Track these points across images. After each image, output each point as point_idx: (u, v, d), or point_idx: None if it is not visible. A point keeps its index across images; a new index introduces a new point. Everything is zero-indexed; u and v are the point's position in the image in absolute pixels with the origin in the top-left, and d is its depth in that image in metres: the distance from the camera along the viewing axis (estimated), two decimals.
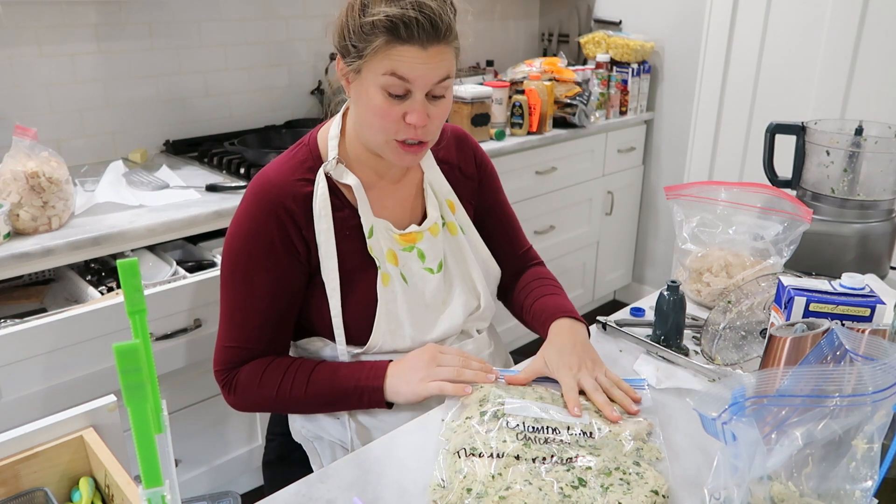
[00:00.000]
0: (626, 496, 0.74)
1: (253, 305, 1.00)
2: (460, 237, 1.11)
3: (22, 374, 1.22)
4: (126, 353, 0.43)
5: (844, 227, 1.29)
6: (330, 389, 0.99)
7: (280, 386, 1.00)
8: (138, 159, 2.00)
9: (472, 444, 0.81)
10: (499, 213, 1.19)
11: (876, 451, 0.61)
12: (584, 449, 0.82)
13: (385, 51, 0.89)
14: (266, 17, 2.25)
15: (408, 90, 0.92)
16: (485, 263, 1.14)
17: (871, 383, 0.59)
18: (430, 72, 0.90)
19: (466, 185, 1.15)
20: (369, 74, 0.92)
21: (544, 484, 0.76)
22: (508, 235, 1.20)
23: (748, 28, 2.51)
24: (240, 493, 1.27)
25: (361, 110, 0.96)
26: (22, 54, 1.80)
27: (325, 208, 0.99)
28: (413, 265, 1.06)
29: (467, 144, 1.16)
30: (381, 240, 1.03)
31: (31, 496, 0.72)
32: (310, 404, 1.01)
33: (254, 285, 0.99)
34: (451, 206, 1.11)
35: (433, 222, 1.08)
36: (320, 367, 1.01)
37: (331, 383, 1.00)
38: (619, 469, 0.79)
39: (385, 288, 1.02)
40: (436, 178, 1.10)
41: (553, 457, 0.80)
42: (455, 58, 0.95)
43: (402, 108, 0.93)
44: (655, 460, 0.82)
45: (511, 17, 3.10)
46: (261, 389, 1.00)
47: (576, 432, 0.85)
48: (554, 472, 0.78)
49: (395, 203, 1.07)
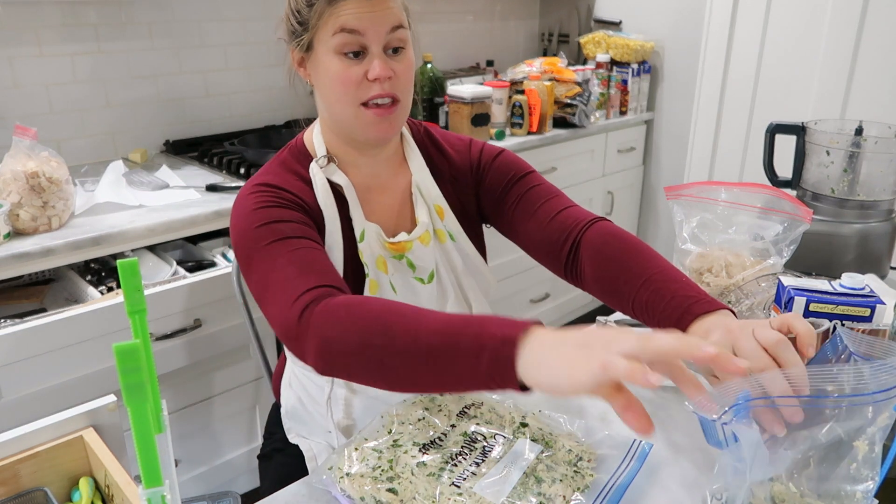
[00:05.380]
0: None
1: (299, 253, 0.84)
2: (448, 245, 1.05)
3: (22, 374, 1.22)
4: (126, 353, 0.43)
5: (844, 227, 1.29)
6: (444, 330, 0.69)
7: (381, 314, 0.73)
8: (138, 159, 2.00)
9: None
10: (526, 196, 1.03)
11: (878, 452, 0.61)
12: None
13: (329, 10, 0.88)
14: (266, 17, 2.25)
15: (362, 45, 0.89)
16: (477, 271, 1.09)
17: (874, 383, 0.59)
18: (379, 19, 0.89)
19: (460, 189, 1.07)
20: (320, 45, 0.91)
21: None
22: (542, 208, 1.01)
23: (748, 28, 2.51)
24: (240, 493, 1.28)
25: (324, 88, 0.93)
26: (22, 54, 1.80)
27: (329, 198, 0.96)
28: (404, 274, 1.02)
29: (472, 148, 1.09)
30: (373, 245, 0.99)
31: (31, 496, 0.72)
32: (408, 351, 0.70)
33: (287, 238, 0.86)
34: (440, 211, 1.05)
35: (424, 230, 1.02)
36: (439, 312, 0.73)
37: (447, 323, 0.69)
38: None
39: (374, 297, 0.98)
40: (424, 181, 1.04)
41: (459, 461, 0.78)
42: (403, 9, 0.93)
43: (362, 68, 0.90)
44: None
45: (511, 17, 3.10)
46: (354, 317, 0.73)
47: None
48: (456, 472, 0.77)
49: (384, 208, 1.03)
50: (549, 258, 1.01)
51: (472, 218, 1.10)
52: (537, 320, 0.66)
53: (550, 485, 0.74)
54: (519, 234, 1.04)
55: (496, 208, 1.07)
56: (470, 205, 1.09)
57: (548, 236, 0.99)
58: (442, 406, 0.88)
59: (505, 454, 0.80)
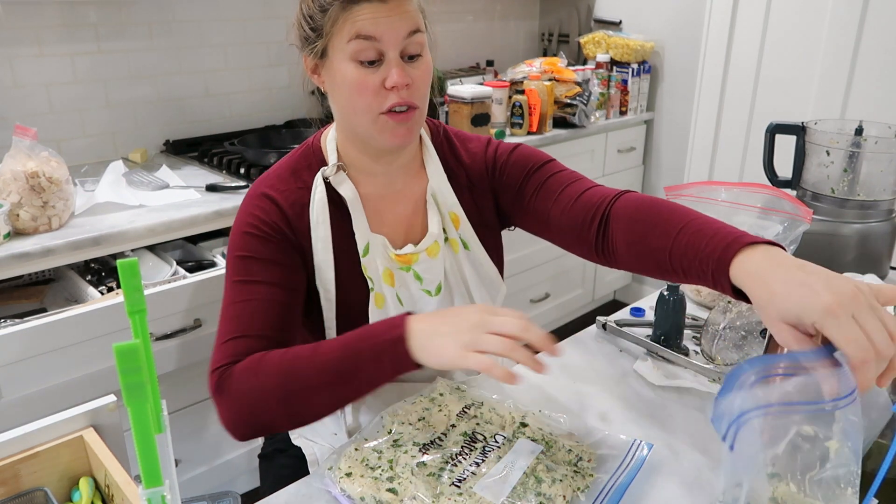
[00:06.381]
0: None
1: (252, 293, 0.90)
2: (461, 255, 1.03)
3: (22, 374, 1.21)
4: (126, 353, 0.43)
5: (844, 227, 1.29)
6: (341, 354, 0.81)
7: (282, 365, 0.82)
8: (138, 159, 2.00)
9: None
10: (546, 184, 1.00)
11: (851, 447, 0.61)
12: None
13: (344, 17, 0.85)
14: (266, 17, 2.25)
15: (379, 52, 0.86)
16: (490, 283, 1.06)
17: (828, 392, 0.60)
18: (396, 24, 0.85)
19: (478, 194, 1.04)
20: (335, 51, 0.88)
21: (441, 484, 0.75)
22: (564, 193, 0.98)
23: (748, 28, 2.51)
24: (240, 493, 1.27)
25: (340, 96, 0.91)
26: (22, 54, 1.80)
27: (323, 214, 0.94)
28: (411, 286, 0.99)
29: (488, 148, 1.06)
30: (378, 258, 0.97)
31: (31, 496, 0.72)
32: (320, 382, 0.80)
33: (251, 274, 0.91)
34: (455, 219, 1.02)
35: (432, 241, 0.99)
36: (328, 340, 0.86)
37: (342, 348, 0.81)
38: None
39: (378, 311, 0.97)
40: (440, 188, 1.01)
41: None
42: (420, 11, 0.90)
43: (379, 75, 0.87)
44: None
45: (511, 17, 3.10)
46: (259, 376, 0.82)
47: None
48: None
49: (395, 218, 1.00)
50: (578, 241, 0.96)
51: (491, 226, 1.07)
52: (408, 312, 0.82)
53: (550, 485, 0.75)
54: (543, 223, 1.00)
55: (517, 202, 1.03)
56: (488, 210, 1.06)
57: (574, 219, 0.95)
58: (442, 406, 0.88)
59: (505, 454, 0.80)
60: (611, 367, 1.05)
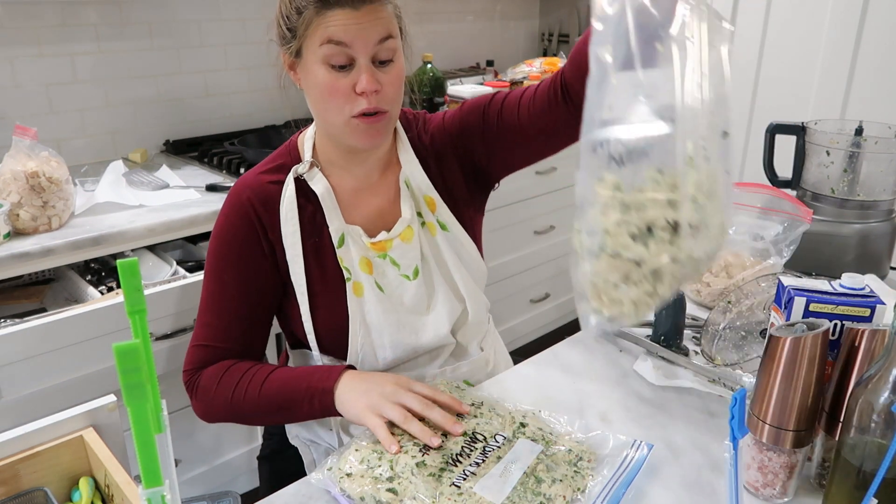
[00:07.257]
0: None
1: (222, 304, 0.98)
2: (440, 237, 1.03)
3: (22, 374, 1.21)
4: (126, 353, 0.43)
5: (844, 228, 1.28)
6: (281, 391, 0.93)
7: (236, 387, 0.94)
8: (138, 159, 2.00)
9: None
10: (504, 105, 1.01)
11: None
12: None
13: (317, 20, 0.87)
14: (266, 17, 2.24)
15: (350, 57, 0.88)
16: (471, 262, 1.06)
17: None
18: (367, 31, 0.86)
19: (446, 168, 1.05)
20: (308, 53, 0.90)
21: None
22: (523, 98, 0.99)
23: (748, 28, 2.51)
24: (239, 493, 1.27)
25: (313, 95, 0.93)
26: (22, 54, 1.80)
27: (292, 211, 0.97)
28: (389, 272, 1.01)
29: (445, 118, 1.07)
30: (353, 248, 0.99)
31: (31, 496, 0.72)
32: (262, 409, 0.94)
33: (223, 284, 0.97)
34: (431, 203, 1.03)
35: (405, 226, 1.01)
36: (280, 370, 0.96)
37: (283, 385, 0.93)
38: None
39: (357, 299, 0.99)
40: (414, 173, 1.02)
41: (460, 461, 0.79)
42: (395, 17, 0.91)
43: (350, 80, 0.89)
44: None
45: (511, 17, 3.10)
46: (218, 391, 0.95)
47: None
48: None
49: (369, 208, 1.02)
50: (553, 120, 0.96)
51: (465, 200, 1.07)
52: (349, 365, 0.95)
53: (550, 485, 0.75)
54: (518, 133, 1.00)
55: (487, 139, 1.03)
56: (458, 184, 1.06)
57: (541, 103, 0.96)
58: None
59: (505, 454, 0.80)
60: (611, 367, 1.05)
